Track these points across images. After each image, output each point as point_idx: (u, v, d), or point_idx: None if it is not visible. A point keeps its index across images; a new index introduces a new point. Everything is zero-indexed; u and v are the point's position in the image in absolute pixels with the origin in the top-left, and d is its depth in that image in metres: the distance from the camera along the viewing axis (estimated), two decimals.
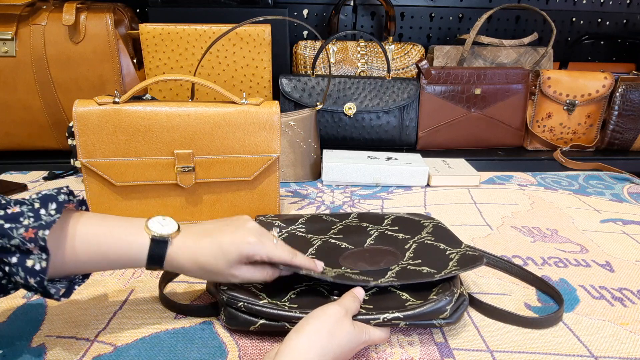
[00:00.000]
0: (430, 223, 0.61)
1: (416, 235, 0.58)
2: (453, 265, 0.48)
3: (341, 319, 0.41)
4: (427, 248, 0.53)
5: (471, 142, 1.12)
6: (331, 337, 0.39)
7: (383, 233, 0.58)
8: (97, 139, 0.65)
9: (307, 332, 0.39)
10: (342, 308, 0.42)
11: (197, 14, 1.02)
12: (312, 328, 0.39)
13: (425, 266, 0.49)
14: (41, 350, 0.44)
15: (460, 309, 0.46)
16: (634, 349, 0.46)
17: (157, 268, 0.43)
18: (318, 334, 0.39)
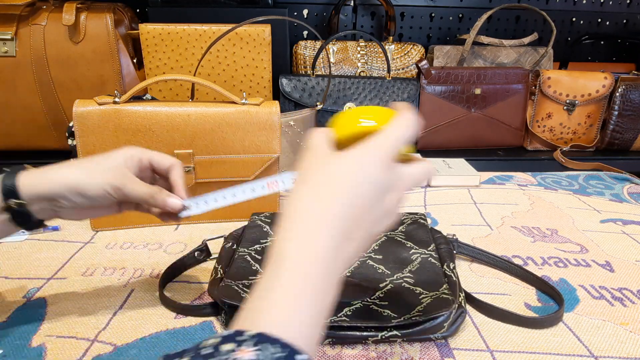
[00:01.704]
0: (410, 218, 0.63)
1: (390, 230, 0.59)
2: (417, 311, 0.45)
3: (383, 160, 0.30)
4: (398, 289, 0.50)
5: (471, 142, 1.12)
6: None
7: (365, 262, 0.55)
8: (97, 139, 0.65)
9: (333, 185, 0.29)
10: (382, 149, 0.31)
11: (197, 14, 1.02)
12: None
13: (388, 309, 0.46)
14: (41, 350, 0.44)
15: (458, 321, 0.46)
16: (634, 349, 0.46)
17: (15, 202, 0.39)
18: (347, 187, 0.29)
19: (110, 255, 0.62)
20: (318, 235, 0.27)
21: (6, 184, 0.40)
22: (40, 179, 0.41)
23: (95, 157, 0.43)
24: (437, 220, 0.76)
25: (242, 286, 0.49)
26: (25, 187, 0.40)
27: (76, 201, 0.42)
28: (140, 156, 0.44)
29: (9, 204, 0.40)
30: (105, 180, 0.41)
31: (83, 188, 0.41)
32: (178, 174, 0.45)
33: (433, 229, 0.62)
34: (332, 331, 0.44)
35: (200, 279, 0.57)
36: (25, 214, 0.41)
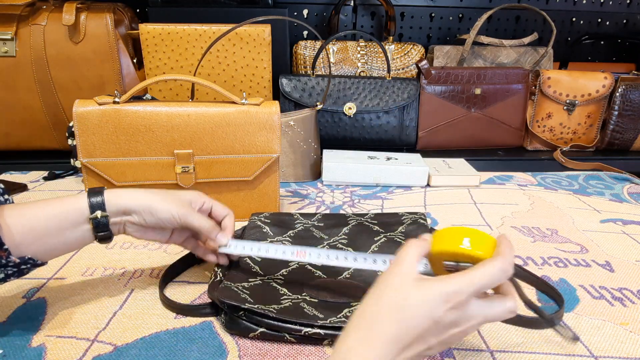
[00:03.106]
0: (410, 218, 0.63)
1: (390, 231, 0.60)
2: None
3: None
4: None
5: (471, 142, 1.12)
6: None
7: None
8: (97, 139, 0.65)
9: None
10: (459, 294, 0.32)
11: (197, 14, 1.02)
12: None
13: None
14: (41, 350, 0.44)
15: None
16: (634, 349, 0.46)
17: (101, 214, 0.45)
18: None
19: (110, 255, 0.62)
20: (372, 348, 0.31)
21: (94, 199, 0.46)
22: (121, 196, 0.47)
23: (170, 190, 0.51)
24: (437, 220, 0.76)
25: (241, 287, 0.49)
26: (109, 202, 0.46)
27: (146, 219, 0.48)
28: (205, 200, 0.53)
29: (96, 215, 0.46)
30: (174, 207, 0.48)
31: (155, 208, 0.48)
32: (230, 221, 0.53)
33: (433, 229, 0.63)
34: (332, 332, 0.44)
35: (200, 279, 0.57)
36: (106, 225, 0.46)
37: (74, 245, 0.46)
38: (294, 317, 0.44)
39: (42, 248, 0.44)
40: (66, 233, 0.45)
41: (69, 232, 0.45)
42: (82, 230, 0.46)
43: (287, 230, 0.61)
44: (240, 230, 0.62)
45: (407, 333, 0.31)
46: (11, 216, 0.42)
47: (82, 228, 0.46)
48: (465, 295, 0.32)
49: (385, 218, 0.64)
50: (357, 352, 0.31)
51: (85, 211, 0.45)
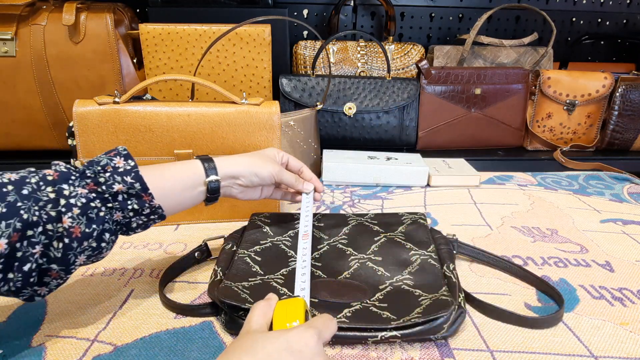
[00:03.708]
0: (410, 218, 0.63)
1: (390, 232, 0.61)
2: (416, 313, 0.45)
3: (318, 353, 0.34)
4: (397, 291, 0.50)
5: (471, 142, 1.12)
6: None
7: (364, 264, 0.55)
8: (97, 139, 0.65)
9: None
10: (316, 333, 0.34)
11: (197, 14, 1.02)
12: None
13: (387, 311, 0.46)
14: (41, 350, 0.44)
15: (458, 321, 0.46)
16: (634, 349, 0.46)
17: (215, 179, 0.51)
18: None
19: (110, 255, 0.62)
20: None
21: (207, 164, 0.52)
22: (228, 163, 0.53)
23: (259, 152, 0.58)
24: (437, 220, 0.76)
25: (241, 287, 0.49)
26: (220, 167, 0.52)
27: (252, 180, 0.55)
28: (282, 154, 0.60)
29: (211, 179, 0.51)
30: (271, 166, 0.56)
31: (259, 170, 0.55)
32: (309, 171, 0.62)
33: (433, 229, 0.62)
34: None
35: (200, 279, 0.57)
36: (217, 188, 0.52)
37: (188, 204, 0.51)
38: None
39: (167, 203, 0.48)
40: (185, 193, 0.50)
41: (188, 192, 0.50)
42: (197, 191, 0.51)
43: (287, 230, 0.61)
44: (241, 230, 0.62)
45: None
46: (146, 173, 0.46)
47: (198, 190, 0.51)
48: (319, 332, 0.35)
49: (385, 218, 0.64)
50: None
51: (203, 175, 0.51)
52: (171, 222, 0.72)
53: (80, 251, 0.42)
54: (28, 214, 0.38)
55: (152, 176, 0.46)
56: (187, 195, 0.50)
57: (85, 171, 0.44)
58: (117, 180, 0.44)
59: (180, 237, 0.68)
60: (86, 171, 0.44)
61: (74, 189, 0.42)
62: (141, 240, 0.67)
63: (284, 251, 0.57)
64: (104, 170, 0.44)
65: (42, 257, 0.40)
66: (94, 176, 0.43)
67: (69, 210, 0.40)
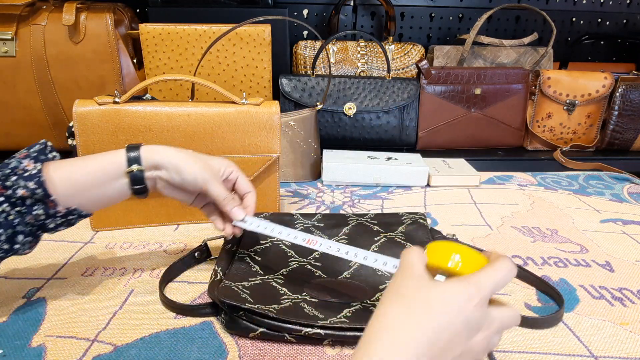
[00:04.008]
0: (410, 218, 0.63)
1: (390, 232, 0.60)
2: None
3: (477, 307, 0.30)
4: None
5: (471, 142, 1.12)
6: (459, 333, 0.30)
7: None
8: (97, 139, 0.65)
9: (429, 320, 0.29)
10: (480, 291, 0.30)
11: (197, 14, 1.02)
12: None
13: None
14: (41, 350, 0.44)
15: None
16: (634, 349, 0.46)
17: (137, 168, 0.47)
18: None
19: (110, 255, 0.62)
20: (400, 355, 0.28)
21: (131, 154, 0.48)
22: (156, 151, 0.49)
23: (201, 154, 0.52)
24: (437, 220, 0.76)
25: (241, 287, 0.49)
26: (145, 157, 0.48)
27: (173, 177, 0.49)
28: (233, 170, 0.53)
29: (132, 169, 0.48)
30: (199, 170, 0.49)
31: (182, 168, 0.49)
32: (252, 199, 0.54)
33: (433, 229, 0.63)
34: (332, 332, 0.44)
35: (200, 279, 0.57)
36: (141, 179, 0.48)
37: (114, 197, 0.49)
38: (294, 317, 0.44)
39: (85, 200, 0.46)
40: (106, 186, 0.47)
41: (108, 185, 0.47)
42: (120, 183, 0.48)
43: None
44: None
45: (439, 338, 0.29)
46: (55, 170, 0.44)
47: (120, 182, 0.48)
48: (487, 290, 0.31)
49: (385, 218, 0.64)
50: (387, 345, 0.28)
51: (123, 165, 0.47)
52: (171, 222, 0.72)
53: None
54: None
55: (61, 177, 0.44)
56: (109, 188, 0.48)
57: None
58: (20, 185, 0.43)
59: (180, 237, 0.68)
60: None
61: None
62: (141, 240, 0.67)
63: (284, 251, 0.57)
64: (13, 173, 0.43)
65: None
66: (3, 179, 0.43)
67: None
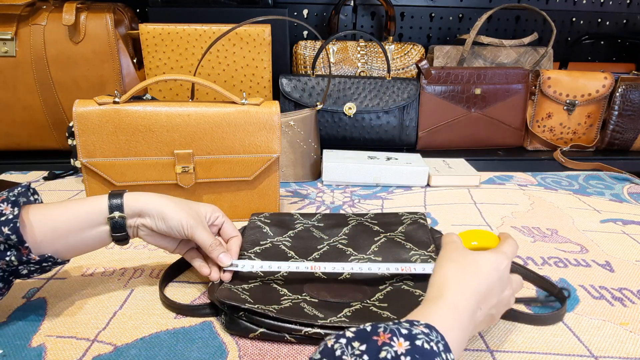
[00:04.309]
0: (410, 218, 0.63)
1: (390, 232, 0.61)
2: None
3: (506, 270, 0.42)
4: (398, 291, 0.50)
5: (471, 142, 1.12)
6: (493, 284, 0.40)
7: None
8: (97, 139, 0.65)
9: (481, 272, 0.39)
10: (507, 258, 0.42)
11: (197, 14, 1.02)
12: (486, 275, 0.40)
13: (387, 311, 0.46)
14: (41, 350, 0.44)
15: None
16: (634, 349, 0.46)
17: (119, 215, 0.47)
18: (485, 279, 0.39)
19: (110, 255, 0.62)
20: (463, 297, 0.37)
21: (113, 201, 0.47)
22: (139, 199, 0.48)
23: (187, 200, 0.52)
24: (437, 220, 0.76)
25: (241, 289, 0.49)
26: (128, 204, 0.48)
27: (157, 224, 0.49)
28: (219, 215, 0.54)
29: (113, 216, 0.47)
30: (185, 217, 0.49)
31: (167, 215, 0.48)
32: (237, 244, 0.55)
33: (433, 229, 0.63)
34: (332, 332, 0.44)
35: (200, 279, 0.57)
36: (122, 227, 0.48)
37: (93, 245, 0.48)
38: (294, 317, 0.44)
39: (63, 247, 0.45)
40: (85, 233, 0.46)
41: (88, 231, 0.47)
42: (100, 230, 0.47)
43: (287, 231, 0.61)
44: (241, 230, 0.62)
45: (483, 285, 0.39)
46: (35, 215, 0.44)
47: (101, 229, 0.47)
48: (511, 257, 0.43)
49: (385, 218, 0.64)
50: (452, 291, 0.37)
51: (105, 212, 0.47)
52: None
53: None
54: None
55: (39, 223, 0.44)
56: (89, 235, 0.47)
57: None
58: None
59: None
60: None
61: None
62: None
63: (284, 252, 0.57)
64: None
65: None
66: None
67: None
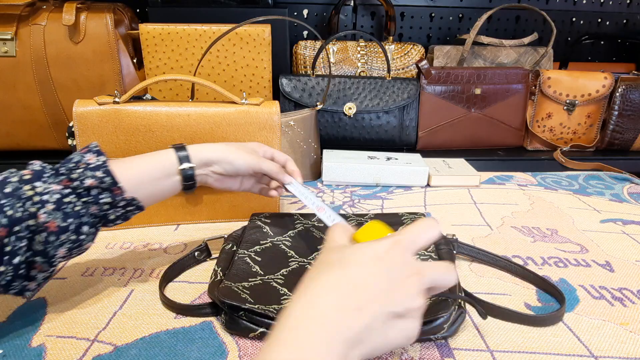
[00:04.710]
0: (410, 218, 0.63)
1: None
2: None
3: (399, 253, 0.32)
4: None
5: (471, 142, 1.12)
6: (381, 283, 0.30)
7: None
8: (97, 138, 0.65)
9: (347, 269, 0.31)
10: (402, 242, 0.33)
11: (197, 14, 1.02)
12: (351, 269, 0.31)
13: None
14: (41, 350, 0.44)
15: (458, 321, 0.46)
16: (634, 349, 0.46)
17: (188, 166, 0.52)
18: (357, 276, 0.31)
19: (110, 255, 0.62)
20: (321, 300, 0.30)
21: (180, 153, 0.52)
22: (202, 150, 0.54)
23: (237, 143, 0.58)
24: (437, 220, 0.75)
25: (241, 287, 0.49)
26: (194, 155, 0.53)
27: (226, 168, 0.55)
28: (266, 149, 0.61)
29: (184, 167, 0.52)
30: (247, 156, 0.56)
31: (233, 158, 0.55)
32: (293, 164, 0.62)
33: None
34: None
35: (200, 279, 0.57)
36: (192, 176, 0.53)
37: (166, 193, 0.52)
38: None
39: (143, 194, 0.49)
40: (160, 182, 0.51)
41: (163, 181, 0.51)
42: (173, 180, 0.52)
43: (287, 231, 0.61)
44: (241, 230, 0.62)
45: (360, 286, 0.29)
46: (117, 165, 0.48)
47: (174, 179, 0.52)
48: (405, 240, 0.33)
49: (385, 218, 0.64)
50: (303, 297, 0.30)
51: (176, 163, 0.52)
52: (171, 222, 0.72)
53: (59, 244, 0.44)
54: (12, 211, 0.41)
55: (124, 169, 0.48)
56: (162, 184, 0.51)
57: (60, 169, 0.46)
58: (88, 175, 0.45)
59: (180, 237, 0.68)
60: (60, 168, 0.46)
61: (47, 186, 0.44)
62: (141, 240, 0.67)
63: (284, 251, 0.57)
64: (76, 166, 0.46)
65: (28, 251, 0.43)
66: (68, 172, 0.46)
67: (43, 206, 0.43)
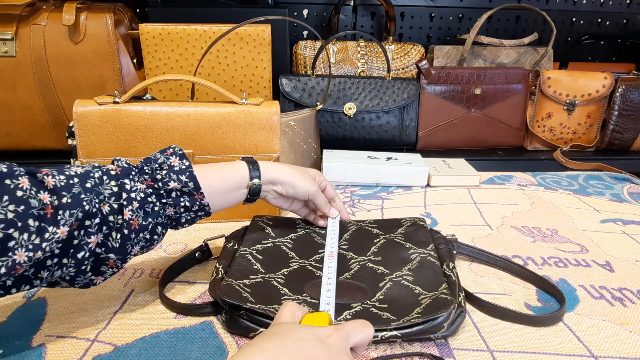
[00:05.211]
0: (409, 221, 0.63)
1: (389, 233, 0.61)
2: (416, 313, 0.45)
3: (333, 346, 0.33)
4: (399, 286, 0.50)
5: (471, 142, 1.12)
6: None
7: (365, 265, 0.55)
8: (97, 139, 0.65)
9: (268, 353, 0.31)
10: (344, 332, 0.35)
11: (197, 14, 1.02)
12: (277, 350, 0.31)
13: (387, 312, 0.46)
14: (41, 350, 0.44)
15: (458, 321, 0.46)
16: (634, 349, 0.46)
17: (258, 182, 0.54)
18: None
19: None
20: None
21: (253, 169, 0.54)
22: (271, 168, 0.55)
23: (302, 168, 0.60)
24: (437, 221, 0.76)
25: (243, 285, 0.49)
26: (264, 173, 0.55)
27: (287, 190, 0.57)
28: (322, 179, 0.62)
29: (254, 182, 0.54)
30: (309, 184, 0.57)
31: (297, 183, 0.56)
32: (340, 202, 0.64)
33: (432, 229, 0.63)
34: None
35: (200, 279, 0.57)
36: (258, 191, 0.54)
37: (232, 202, 0.54)
38: None
39: (213, 202, 0.51)
40: (231, 193, 0.53)
41: (233, 192, 0.53)
42: (240, 192, 0.53)
43: (288, 233, 0.61)
44: (242, 229, 0.62)
45: (292, 356, 0.31)
46: (197, 174, 0.49)
47: (242, 191, 0.54)
48: (347, 332, 0.35)
49: (385, 222, 0.64)
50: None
51: (247, 178, 0.53)
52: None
53: (136, 242, 0.45)
54: (89, 206, 0.41)
55: (202, 175, 0.49)
56: (232, 195, 0.53)
57: (144, 167, 0.47)
58: (172, 178, 0.47)
59: (180, 237, 0.68)
60: (144, 167, 0.47)
61: (134, 184, 0.45)
62: None
63: (285, 252, 0.57)
64: (160, 167, 0.47)
65: (100, 247, 0.43)
66: (151, 173, 0.47)
67: (130, 203, 0.43)
